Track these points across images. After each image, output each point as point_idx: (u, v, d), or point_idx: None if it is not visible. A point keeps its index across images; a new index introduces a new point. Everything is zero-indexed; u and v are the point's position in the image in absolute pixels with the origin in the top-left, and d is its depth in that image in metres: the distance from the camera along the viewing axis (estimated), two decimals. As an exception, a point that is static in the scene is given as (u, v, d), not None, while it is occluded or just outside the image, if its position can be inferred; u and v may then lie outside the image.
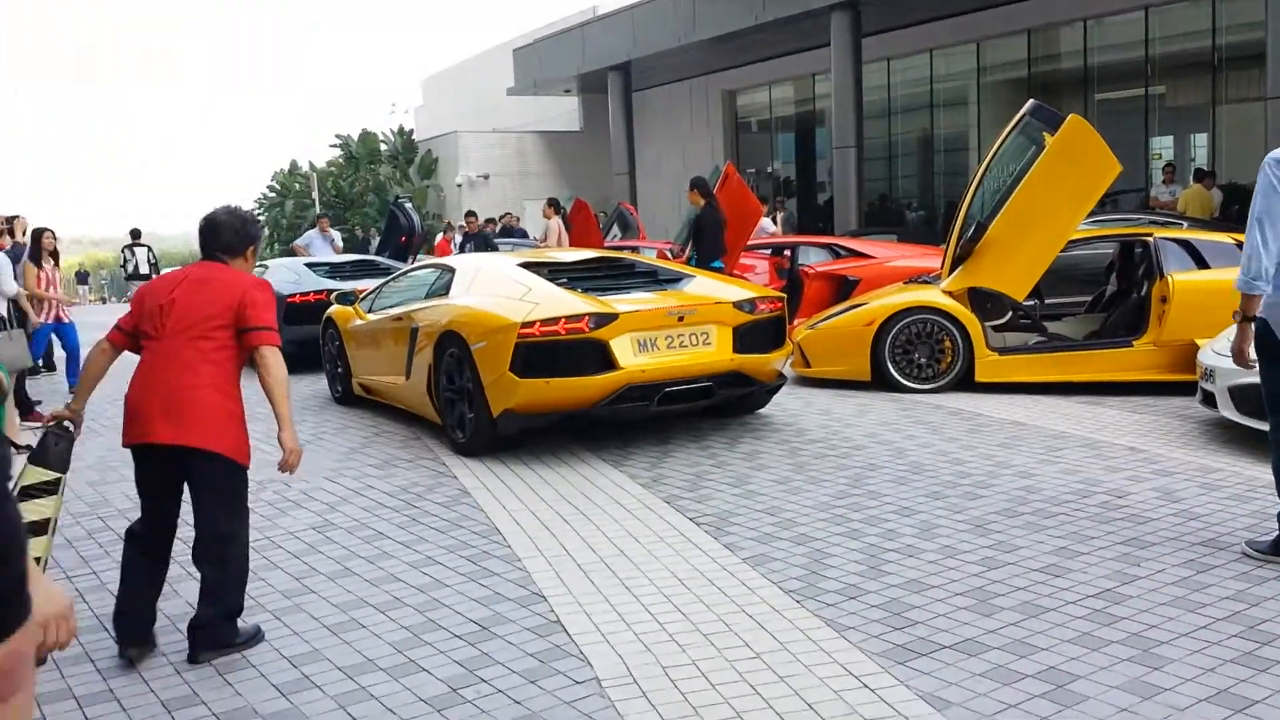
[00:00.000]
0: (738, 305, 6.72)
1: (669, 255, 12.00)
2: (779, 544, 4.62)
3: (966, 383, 8.04)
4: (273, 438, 6.66)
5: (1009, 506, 5.06)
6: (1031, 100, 8.51)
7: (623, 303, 6.55)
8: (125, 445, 3.79)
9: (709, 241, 10.32)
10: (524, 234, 20.94)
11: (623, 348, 6.33)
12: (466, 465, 6.40)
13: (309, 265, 12.47)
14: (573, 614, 3.93)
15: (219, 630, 3.74)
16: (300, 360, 10.58)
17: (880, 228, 18.84)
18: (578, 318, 6.28)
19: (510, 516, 5.25)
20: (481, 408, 6.45)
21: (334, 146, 39.17)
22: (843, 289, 10.69)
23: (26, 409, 9.12)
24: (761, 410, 7.57)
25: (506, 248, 16.22)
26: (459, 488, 5.89)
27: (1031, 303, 8.62)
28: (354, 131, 38.55)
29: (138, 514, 3.87)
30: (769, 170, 27.25)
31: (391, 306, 8.16)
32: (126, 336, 3.88)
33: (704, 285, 7.12)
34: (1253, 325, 4.18)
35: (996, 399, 7.71)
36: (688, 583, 4.19)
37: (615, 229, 17.14)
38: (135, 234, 18.97)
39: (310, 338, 10.00)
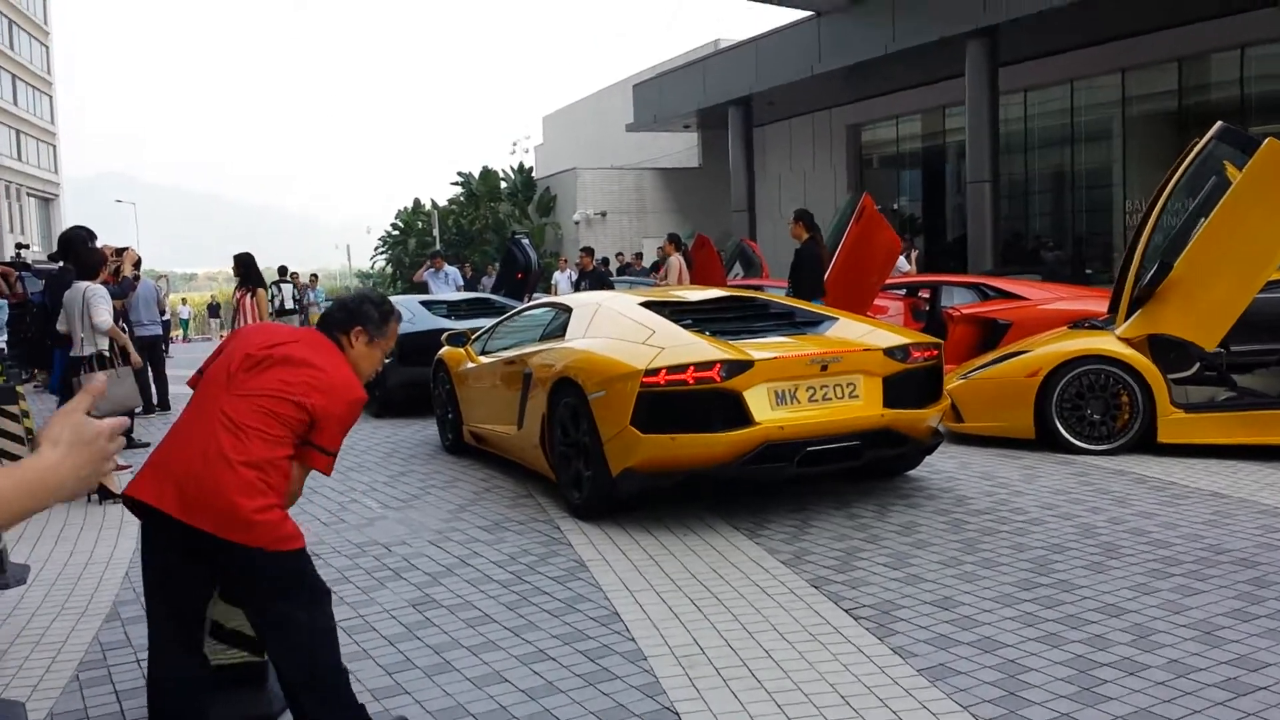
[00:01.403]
0: (889, 353, 5.93)
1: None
2: (960, 650, 3.81)
3: (1145, 443, 7.06)
4: (371, 494, 6.08)
5: (1239, 606, 4.14)
6: (1219, 123, 7.56)
7: (757, 349, 5.83)
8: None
9: (807, 278, 9.53)
10: (644, 271, 20.41)
11: (758, 400, 5.60)
12: (583, 530, 5.73)
13: (425, 303, 12.07)
14: (712, 738, 3.21)
15: None
16: (413, 403, 10.17)
17: (1019, 267, 17.76)
18: (708, 365, 5.58)
19: (633, 598, 4.54)
20: (600, 465, 5.79)
21: (455, 184, 39.62)
22: (991, 334, 9.79)
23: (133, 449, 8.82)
24: (911, 472, 6.73)
25: (624, 285, 15.68)
26: (575, 559, 5.21)
27: (1217, 352, 7.59)
28: (475, 169, 38.93)
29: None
30: (894, 207, 26.25)
31: (504, 349, 7.59)
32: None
33: (849, 329, 6.34)
34: None
35: (1185, 464, 6.71)
36: (854, 702, 3.41)
37: (737, 266, 16.45)
38: (283, 271, 19.32)
39: (423, 379, 9.52)
